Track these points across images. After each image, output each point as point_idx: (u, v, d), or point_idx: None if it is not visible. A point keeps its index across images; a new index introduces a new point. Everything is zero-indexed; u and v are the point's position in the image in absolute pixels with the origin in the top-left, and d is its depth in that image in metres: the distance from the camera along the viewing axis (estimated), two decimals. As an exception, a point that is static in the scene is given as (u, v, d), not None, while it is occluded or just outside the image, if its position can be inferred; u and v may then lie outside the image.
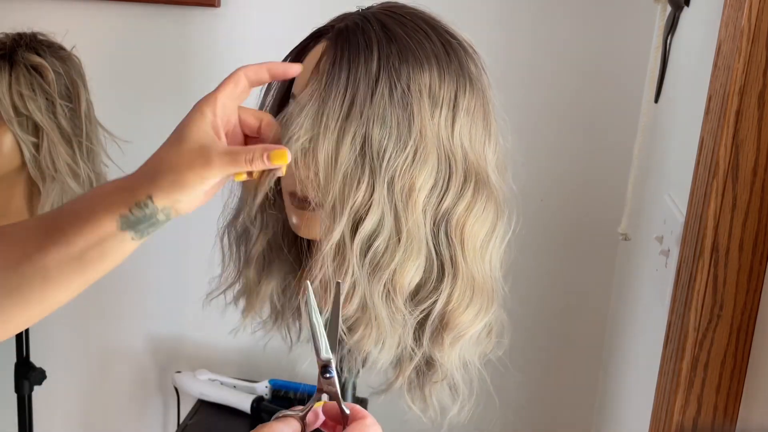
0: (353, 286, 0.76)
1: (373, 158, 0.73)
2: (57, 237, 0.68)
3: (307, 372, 1.74)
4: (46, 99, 1.38)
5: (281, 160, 0.69)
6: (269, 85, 0.84)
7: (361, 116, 0.73)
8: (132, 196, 0.69)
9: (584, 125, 1.55)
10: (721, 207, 0.87)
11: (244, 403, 1.62)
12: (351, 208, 0.74)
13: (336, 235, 0.74)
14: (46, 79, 1.38)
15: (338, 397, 0.66)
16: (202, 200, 0.71)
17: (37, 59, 1.38)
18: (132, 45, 1.68)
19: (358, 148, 0.73)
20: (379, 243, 0.75)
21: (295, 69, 0.74)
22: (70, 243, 0.68)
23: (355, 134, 0.73)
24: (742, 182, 0.86)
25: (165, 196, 0.68)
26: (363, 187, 0.73)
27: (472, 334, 0.83)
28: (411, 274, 0.77)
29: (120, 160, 1.52)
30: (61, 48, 1.45)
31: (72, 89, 1.43)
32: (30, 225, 0.72)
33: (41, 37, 1.44)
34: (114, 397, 1.92)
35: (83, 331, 1.89)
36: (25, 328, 0.73)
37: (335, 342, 0.66)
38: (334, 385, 0.65)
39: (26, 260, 0.68)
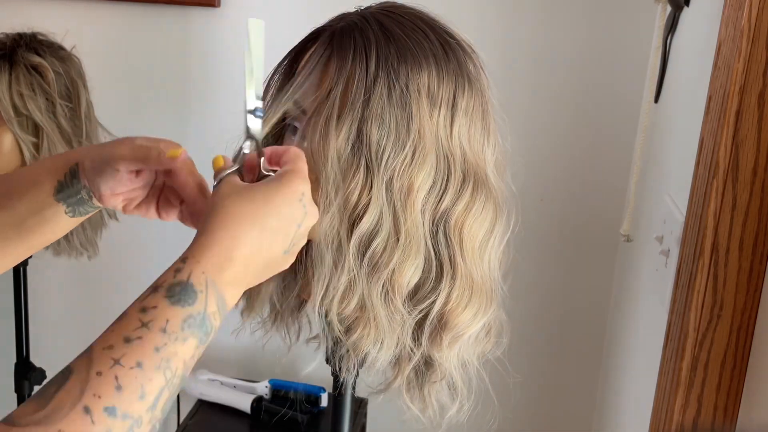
0: (351, 286, 0.76)
1: (371, 158, 0.73)
2: (3, 201, 0.73)
3: (307, 372, 1.74)
4: (46, 99, 1.38)
5: (174, 153, 0.70)
6: (267, 85, 0.84)
7: (359, 116, 0.73)
8: (67, 162, 0.73)
9: (584, 125, 1.55)
10: (721, 207, 0.87)
11: (244, 403, 1.62)
12: (349, 207, 0.74)
13: (333, 233, 0.74)
14: (46, 79, 1.38)
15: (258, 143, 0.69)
16: (124, 188, 0.73)
17: (37, 59, 1.38)
18: (132, 45, 1.68)
19: (356, 148, 0.73)
20: (378, 243, 0.75)
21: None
22: (14, 207, 0.73)
23: (352, 134, 0.73)
24: (742, 182, 0.85)
25: (88, 175, 0.72)
26: (360, 186, 0.73)
27: (471, 334, 0.82)
28: (410, 274, 0.77)
29: (120, 160, 1.51)
30: (61, 48, 1.45)
31: (72, 89, 1.43)
32: None
33: (41, 37, 1.44)
34: (114, 397, 1.92)
35: (83, 331, 1.89)
36: None
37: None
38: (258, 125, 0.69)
39: None
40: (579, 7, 1.50)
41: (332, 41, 0.76)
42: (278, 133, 0.82)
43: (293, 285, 0.90)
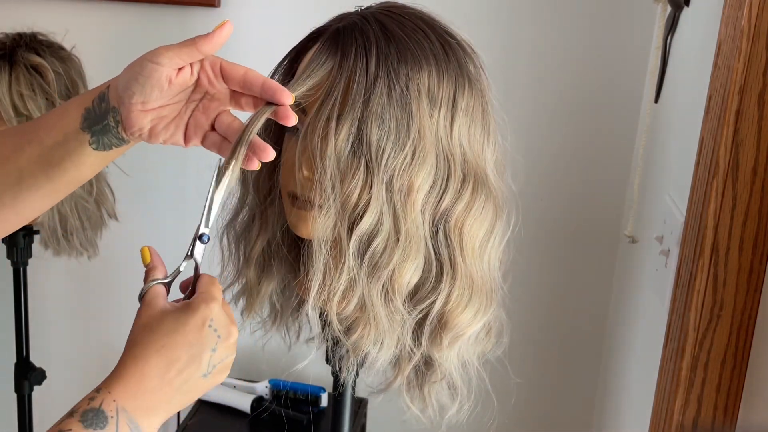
0: (351, 286, 0.76)
1: (371, 158, 0.73)
2: (32, 136, 0.74)
3: (307, 372, 1.74)
4: (46, 99, 1.38)
5: (221, 27, 0.71)
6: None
7: (359, 116, 0.73)
8: (98, 90, 0.74)
9: (584, 125, 1.55)
10: (721, 207, 0.87)
11: (244, 403, 1.62)
12: (349, 207, 0.74)
13: (333, 233, 0.74)
14: (46, 79, 1.38)
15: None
16: (158, 99, 0.71)
17: (37, 59, 1.38)
18: (132, 45, 1.68)
19: (356, 148, 0.73)
20: (378, 242, 0.75)
21: (287, 97, 0.71)
22: (41, 141, 0.73)
23: (352, 134, 0.73)
24: (742, 182, 0.86)
25: (122, 86, 0.72)
26: (360, 186, 0.73)
27: (471, 334, 0.83)
28: (410, 274, 0.77)
29: (120, 159, 1.51)
30: (61, 48, 1.45)
31: (72, 89, 1.43)
32: (11, 129, 0.77)
33: (41, 37, 1.44)
34: (114, 397, 1.92)
35: (83, 331, 1.89)
36: (2, 237, 0.78)
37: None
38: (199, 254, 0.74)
39: (4, 161, 0.74)
40: (579, 6, 1.50)
41: (332, 41, 0.76)
42: (278, 134, 0.82)
43: (293, 285, 0.90)
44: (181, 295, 0.75)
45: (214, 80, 0.73)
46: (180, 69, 0.71)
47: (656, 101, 1.30)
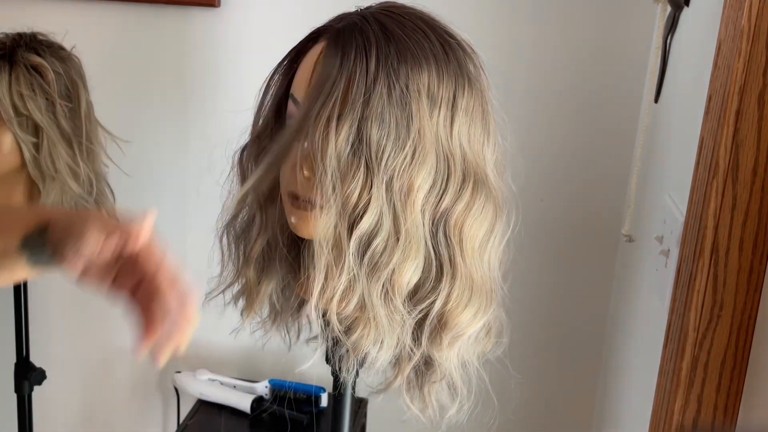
0: (351, 286, 0.76)
1: (371, 158, 0.73)
2: None
3: (306, 372, 1.74)
4: (46, 99, 1.38)
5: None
6: (268, 84, 0.84)
7: (359, 116, 0.73)
8: (38, 219, 0.71)
9: (584, 125, 1.55)
10: (721, 207, 0.87)
11: (244, 403, 1.62)
12: (349, 207, 0.74)
13: (333, 233, 0.74)
14: (46, 79, 1.38)
15: None
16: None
17: (37, 59, 1.38)
18: (132, 45, 1.68)
19: (356, 148, 0.73)
20: (378, 242, 0.75)
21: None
22: None
23: (352, 134, 0.73)
24: (742, 182, 0.86)
25: (59, 233, 0.70)
26: (360, 186, 0.74)
27: (471, 334, 0.83)
28: (410, 273, 0.77)
29: (120, 160, 1.51)
30: (61, 48, 1.45)
31: (72, 89, 1.43)
32: None
33: (41, 37, 1.44)
34: (114, 397, 1.92)
35: (83, 331, 1.89)
36: None
37: None
38: None
39: None
40: (579, 7, 1.50)
41: (332, 41, 0.76)
42: (278, 133, 0.82)
43: (293, 285, 0.90)
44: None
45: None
46: None
47: (656, 101, 1.30)
